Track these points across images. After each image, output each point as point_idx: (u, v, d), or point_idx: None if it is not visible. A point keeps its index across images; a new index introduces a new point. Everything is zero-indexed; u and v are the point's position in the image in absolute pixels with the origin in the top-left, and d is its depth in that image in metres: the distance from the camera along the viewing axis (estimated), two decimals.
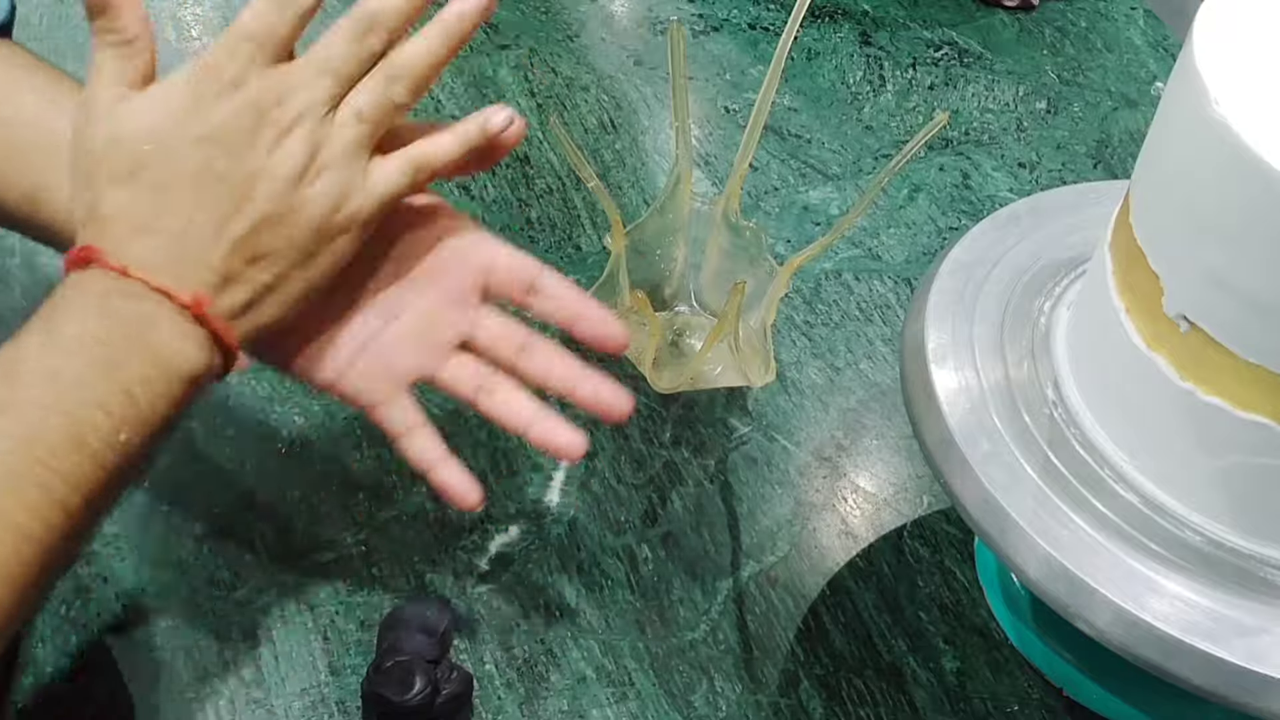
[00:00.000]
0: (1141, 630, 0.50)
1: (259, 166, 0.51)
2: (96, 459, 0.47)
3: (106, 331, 0.49)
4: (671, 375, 0.73)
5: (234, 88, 0.51)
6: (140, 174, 0.51)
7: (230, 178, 0.51)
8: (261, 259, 0.52)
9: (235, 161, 0.51)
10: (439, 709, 0.58)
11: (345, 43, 0.53)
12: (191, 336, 0.51)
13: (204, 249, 0.51)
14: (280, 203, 0.52)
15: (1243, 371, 0.50)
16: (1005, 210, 0.66)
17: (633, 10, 1.03)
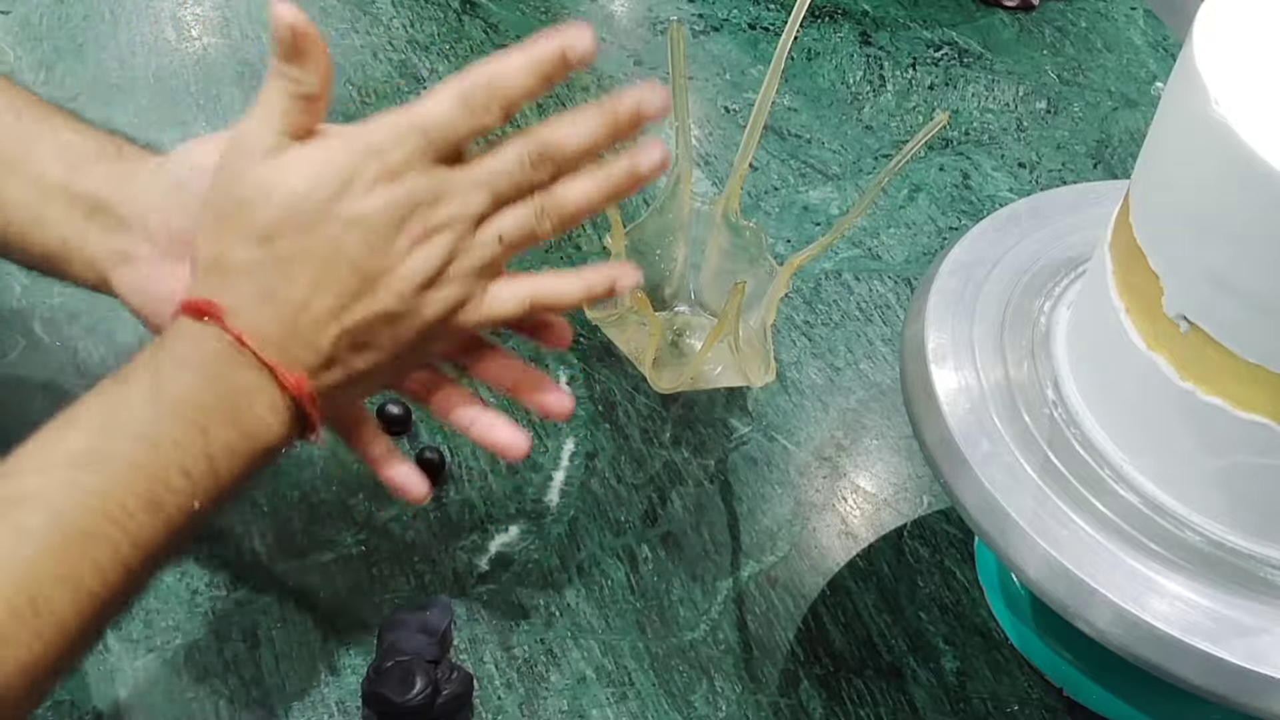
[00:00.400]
0: (1141, 630, 0.50)
1: (393, 264, 0.51)
2: (168, 522, 0.48)
3: (210, 400, 0.49)
4: (671, 375, 0.73)
5: (392, 178, 0.51)
6: (277, 238, 0.50)
7: (362, 267, 0.51)
8: (364, 348, 0.52)
9: (372, 251, 0.51)
10: (439, 709, 0.58)
11: (514, 166, 0.53)
12: (281, 412, 0.51)
13: (317, 330, 0.51)
14: (401, 303, 0.52)
15: (1243, 371, 0.50)
16: (1005, 210, 0.66)
17: (633, 10, 1.03)
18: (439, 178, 0.52)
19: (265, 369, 0.50)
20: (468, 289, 0.53)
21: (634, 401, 0.75)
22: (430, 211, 0.51)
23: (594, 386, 0.75)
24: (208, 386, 0.49)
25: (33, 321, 0.74)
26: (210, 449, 0.49)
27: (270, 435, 0.51)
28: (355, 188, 0.50)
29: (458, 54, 0.95)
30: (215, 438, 0.49)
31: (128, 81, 0.90)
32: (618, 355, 0.76)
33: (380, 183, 0.51)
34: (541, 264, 0.81)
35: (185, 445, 0.48)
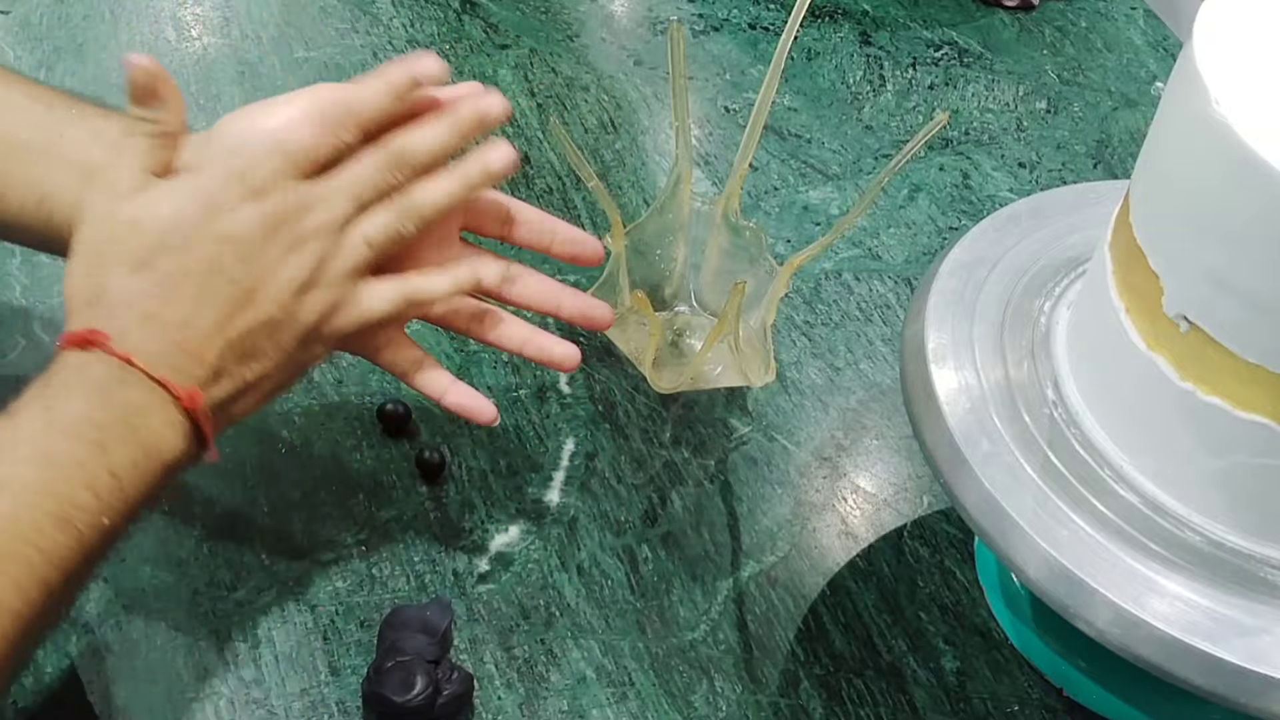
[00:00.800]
0: (1141, 630, 0.50)
1: (267, 273, 0.54)
2: (80, 539, 0.49)
3: (105, 419, 0.50)
4: (671, 375, 0.73)
5: (260, 195, 0.53)
6: (155, 262, 0.52)
7: (239, 279, 0.53)
8: (250, 358, 0.54)
9: (247, 265, 0.53)
10: (440, 710, 0.58)
11: (374, 172, 0.56)
12: (178, 426, 0.52)
13: (202, 343, 0.53)
14: (279, 311, 0.54)
15: (1243, 371, 0.50)
16: (1005, 210, 0.66)
17: (633, 10, 1.03)
18: (302, 191, 0.54)
19: (156, 385, 0.52)
20: (340, 292, 0.56)
21: (634, 401, 0.75)
22: (298, 222, 0.54)
23: (594, 386, 0.75)
24: (100, 406, 0.51)
25: (33, 321, 0.74)
26: (112, 466, 0.50)
27: (170, 450, 0.52)
28: (223, 208, 0.53)
29: (458, 54, 0.96)
30: (115, 455, 0.50)
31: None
32: (618, 355, 0.76)
33: (247, 201, 0.53)
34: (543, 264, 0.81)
35: (86, 463, 0.49)
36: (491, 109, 0.59)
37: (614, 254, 0.72)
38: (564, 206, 0.85)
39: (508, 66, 0.95)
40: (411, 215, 0.57)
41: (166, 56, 0.92)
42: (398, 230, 0.57)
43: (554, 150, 0.88)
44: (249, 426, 0.70)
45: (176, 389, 0.52)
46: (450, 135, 0.58)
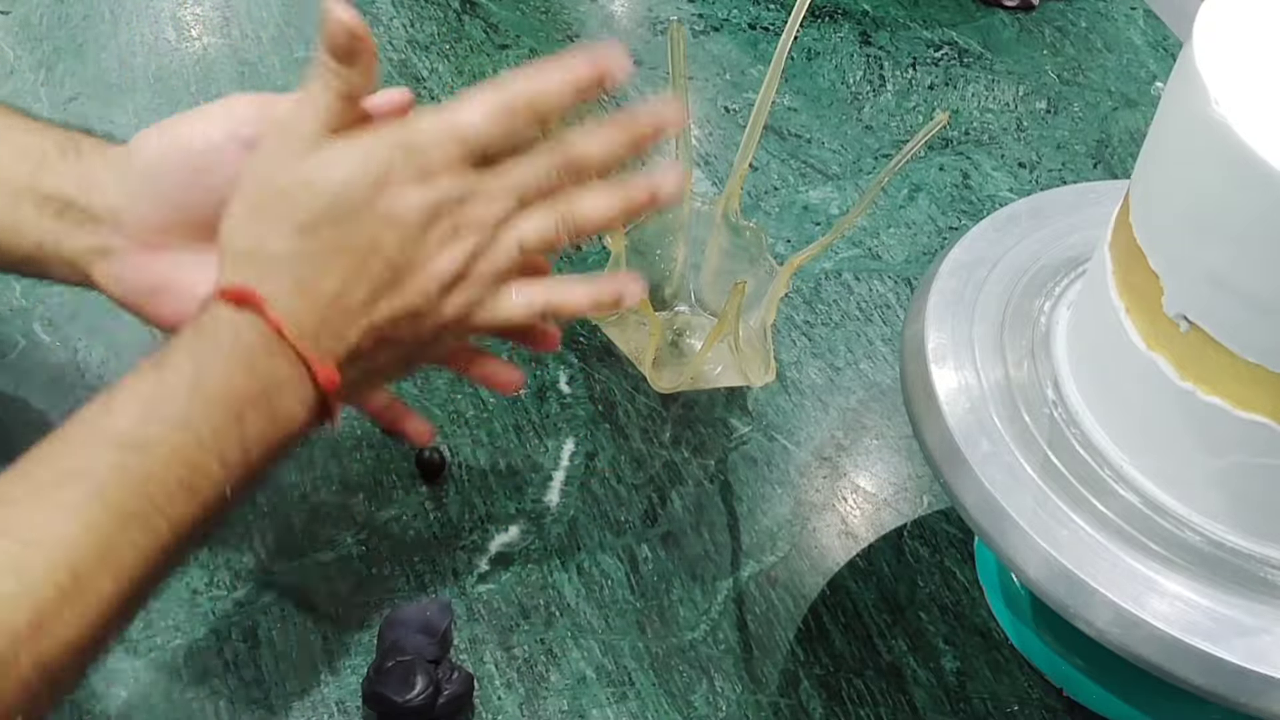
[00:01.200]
0: (1141, 630, 0.50)
1: (421, 261, 0.53)
2: (204, 508, 0.49)
3: (245, 389, 0.50)
4: (671, 375, 0.73)
5: (425, 179, 0.52)
6: (317, 231, 0.51)
7: (394, 262, 0.52)
8: (387, 343, 0.54)
9: (403, 249, 0.52)
10: (440, 709, 0.58)
11: (542, 172, 0.54)
12: (310, 404, 0.52)
13: (347, 323, 0.52)
14: (424, 302, 0.53)
15: (1243, 371, 0.50)
16: (1005, 210, 0.66)
17: (633, 10, 1.03)
18: (471, 181, 0.53)
19: (300, 362, 0.51)
20: (484, 291, 0.55)
21: (634, 401, 0.75)
22: (459, 212, 0.53)
23: (594, 386, 0.75)
24: (246, 374, 0.50)
25: (33, 321, 0.74)
26: (244, 438, 0.50)
27: (297, 426, 0.52)
28: (392, 185, 0.52)
29: (458, 54, 0.95)
30: (250, 427, 0.50)
31: (128, 81, 0.90)
32: (618, 355, 0.76)
33: (416, 182, 0.52)
34: None
35: (223, 433, 0.49)
36: (670, 121, 0.57)
37: (614, 254, 0.72)
38: None
39: (508, 66, 0.95)
40: (569, 225, 0.55)
41: (166, 56, 0.92)
42: (552, 238, 0.55)
43: None
44: None
45: (318, 367, 0.51)
46: (625, 146, 0.55)
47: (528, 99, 0.53)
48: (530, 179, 0.54)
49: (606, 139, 0.55)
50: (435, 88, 0.92)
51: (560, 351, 0.76)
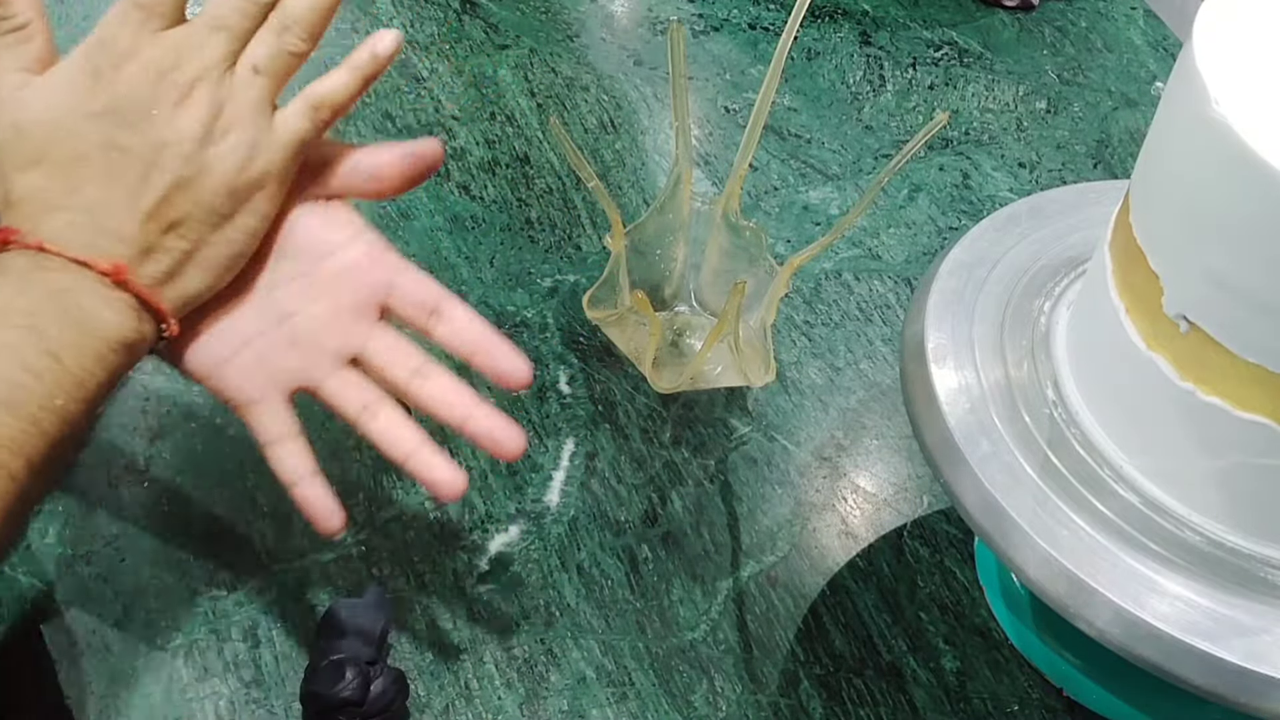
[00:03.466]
0: (1141, 630, 0.50)
1: (162, 134, 0.52)
2: (35, 423, 0.48)
3: (29, 303, 0.49)
4: (671, 375, 0.73)
5: (128, 57, 0.52)
6: (46, 156, 0.51)
7: (135, 148, 0.51)
8: (177, 225, 0.52)
9: (137, 132, 0.52)
10: (372, 704, 0.58)
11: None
12: (114, 303, 0.51)
13: (118, 222, 0.51)
14: (188, 167, 0.52)
15: (1243, 371, 0.50)
16: (1005, 210, 0.66)
17: (633, 10, 1.03)
18: (171, 39, 0.52)
19: (76, 264, 0.50)
20: (251, 132, 0.53)
21: (634, 401, 0.75)
22: (177, 73, 0.52)
23: (594, 386, 0.75)
24: (22, 292, 0.50)
25: None
26: (49, 346, 0.49)
27: (114, 329, 0.51)
28: (99, 81, 0.52)
29: (458, 54, 0.95)
30: (51, 336, 0.49)
31: None
32: (618, 355, 0.76)
33: (119, 67, 0.52)
34: (542, 263, 0.81)
35: (19, 346, 0.48)
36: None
37: (614, 254, 0.72)
38: (564, 206, 0.85)
39: (508, 66, 0.95)
40: (292, 29, 0.54)
41: None
42: (285, 49, 0.54)
43: (554, 150, 0.88)
44: None
45: (99, 264, 0.50)
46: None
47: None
48: (228, 7, 0.53)
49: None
50: (435, 88, 0.92)
51: (560, 351, 0.76)
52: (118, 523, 0.66)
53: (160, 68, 0.52)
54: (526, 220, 0.84)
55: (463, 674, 0.62)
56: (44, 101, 0.52)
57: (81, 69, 0.52)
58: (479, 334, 0.56)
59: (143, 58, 0.52)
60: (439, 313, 0.56)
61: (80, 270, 0.50)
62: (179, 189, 0.52)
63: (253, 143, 0.53)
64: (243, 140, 0.53)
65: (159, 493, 0.67)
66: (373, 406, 0.55)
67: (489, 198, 0.85)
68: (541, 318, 0.78)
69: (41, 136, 0.51)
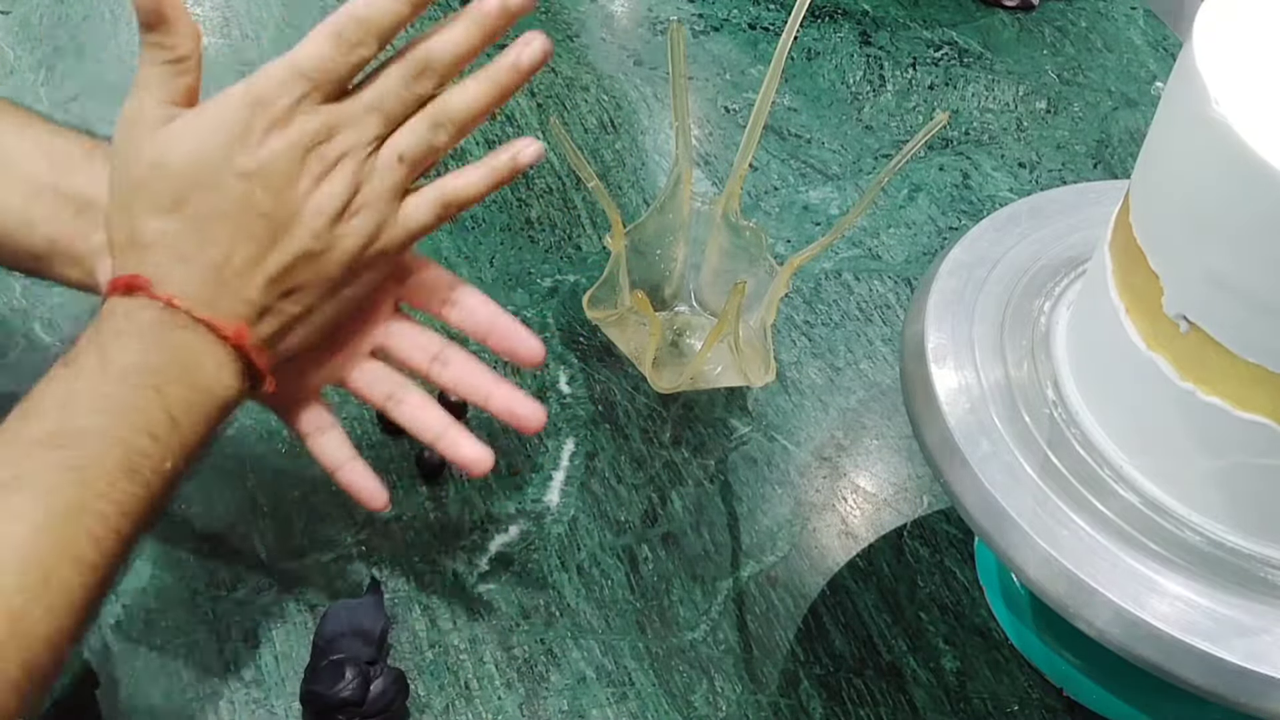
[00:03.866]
0: (1141, 630, 0.50)
1: (300, 204, 0.52)
2: (147, 486, 0.49)
3: (157, 360, 0.50)
4: (671, 375, 0.73)
5: (284, 123, 0.52)
6: (183, 205, 0.52)
7: (272, 214, 0.52)
8: (294, 292, 0.53)
9: (278, 198, 0.52)
10: (372, 704, 0.58)
11: (397, 84, 0.54)
12: (230, 365, 0.52)
13: (242, 282, 0.52)
14: (318, 241, 0.53)
15: (1243, 371, 0.50)
16: (1005, 210, 0.66)
17: (633, 10, 1.03)
18: (328, 114, 0.53)
19: (201, 324, 0.51)
20: (380, 213, 0.54)
21: (634, 401, 0.75)
22: (326, 147, 0.53)
23: (594, 386, 0.75)
24: (151, 350, 0.51)
25: (33, 321, 0.74)
26: (169, 408, 0.50)
27: (226, 390, 0.52)
28: (249, 141, 0.52)
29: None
30: (171, 397, 0.50)
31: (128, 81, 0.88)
32: (618, 355, 0.76)
33: (271, 131, 0.52)
34: (542, 263, 0.81)
35: (144, 409, 0.49)
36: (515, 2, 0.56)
37: (614, 254, 0.72)
38: (564, 206, 0.85)
39: None
40: (444, 124, 0.55)
41: None
42: (430, 141, 0.55)
43: (554, 150, 0.88)
44: (249, 426, 0.70)
45: (222, 327, 0.52)
46: (474, 34, 0.55)
47: (355, 16, 0.52)
48: (388, 91, 0.54)
49: (455, 33, 0.54)
50: None
51: (560, 351, 0.76)
52: None
53: (312, 140, 0.52)
54: (526, 220, 0.84)
55: (463, 674, 0.62)
56: (191, 146, 0.52)
57: (233, 119, 0.52)
58: (492, 317, 0.59)
59: (296, 127, 0.52)
60: (452, 300, 0.59)
61: (204, 330, 0.51)
62: (304, 260, 0.53)
63: (379, 225, 0.54)
64: (371, 222, 0.54)
65: None
66: (398, 394, 0.59)
67: (489, 198, 0.85)
68: (541, 318, 0.78)
69: (184, 182, 0.52)
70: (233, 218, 0.52)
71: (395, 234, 0.55)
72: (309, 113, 0.52)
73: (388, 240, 0.55)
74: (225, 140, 0.52)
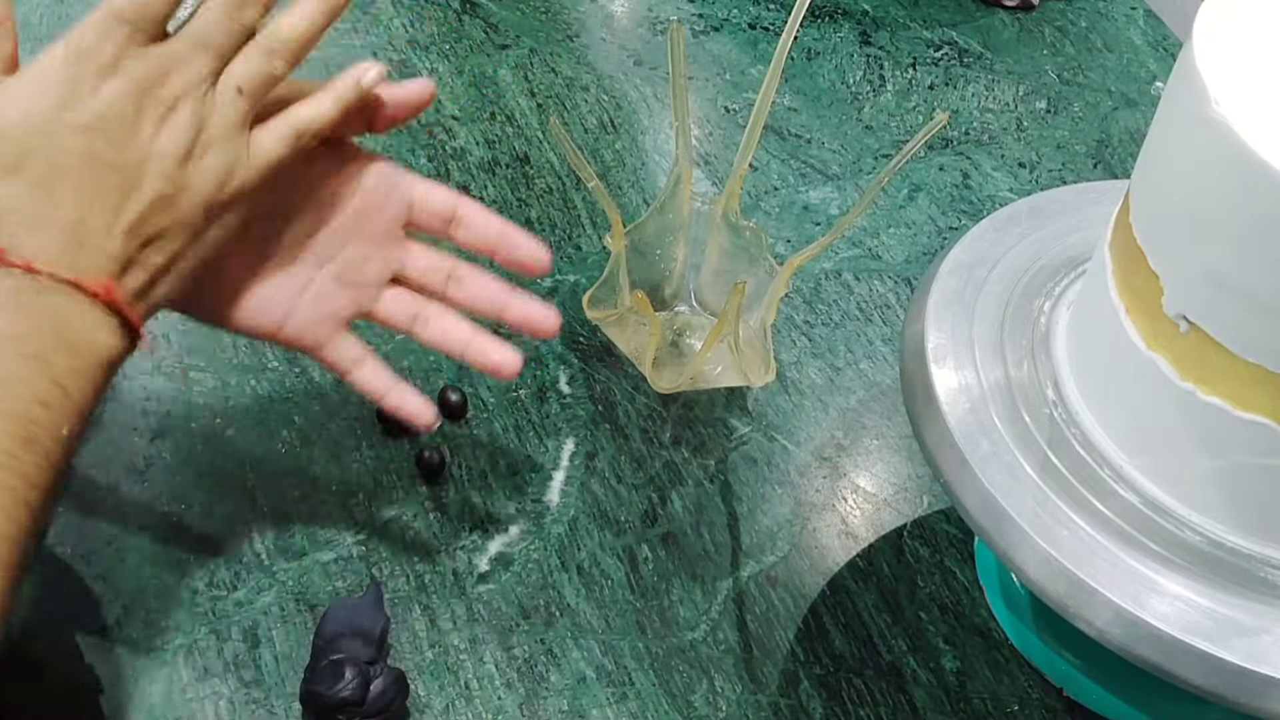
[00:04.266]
0: (1141, 630, 0.50)
1: (145, 149, 0.52)
2: (47, 454, 0.48)
3: (28, 328, 0.49)
4: (671, 375, 0.73)
5: (112, 71, 0.51)
6: (26, 166, 0.50)
7: (118, 164, 0.51)
8: (155, 240, 0.52)
9: (121, 147, 0.51)
10: (371, 704, 0.58)
11: (221, 17, 0.53)
12: (105, 323, 0.51)
13: (101, 237, 0.51)
14: (169, 184, 0.52)
15: (1243, 371, 0.50)
16: (1005, 210, 0.66)
17: (633, 10, 1.03)
18: (156, 55, 0.52)
19: (67, 285, 0.50)
20: (230, 151, 0.53)
21: (634, 401, 0.75)
22: (160, 90, 0.52)
23: (594, 386, 0.75)
24: (23, 318, 0.49)
25: None
26: (55, 375, 0.49)
27: (106, 350, 0.51)
28: (80, 92, 0.51)
29: (458, 54, 0.95)
30: (55, 364, 0.49)
31: None
32: (618, 355, 0.76)
33: (103, 79, 0.51)
34: None
35: (29, 378, 0.48)
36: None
37: (614, 254, 0.72)
38: (564, 206, 0.85)
39: (508, 66, 0.95)
40: (278, 50, 0.54)
41: None
42: (268, 71, 0.54)
43: (554, 150, 0.88)
44: (249, 426, 0.70)
45: (90, 284, 0.50)
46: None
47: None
48: (212, 24, 0.53)
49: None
50: None
51: (560, 351, 0.76)
52: (118, 523, 0.66)
53: (145, 83, 0.52)
54: (526, 220, 0.84)
55: (463, 674, 0.62)
56: (22, 106, 0.51)
57: (60, 76, 0.51)
58: (498, 230, 0.61)
59: (127, 72, 0.51)
60: (457, 218, 0.60)
61: (71, 291, 0.50)
62: (159, 205, 0.52)
63: (232, 162, 0.54)
64: (222, 160, 0.53)
65: (159, 493, 0.67)
66: (422, 315, 0.61)
67: (489, 198, 0.85)
68: None
69: (18, 143, 0.50)
70: (77, 173, 0.51)
71: (249, 169, 0.54)
72: (136, 56, 0.51)
73: (243, 177, 0.54)
74: (56, 97, 0.50)
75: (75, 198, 0.51)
